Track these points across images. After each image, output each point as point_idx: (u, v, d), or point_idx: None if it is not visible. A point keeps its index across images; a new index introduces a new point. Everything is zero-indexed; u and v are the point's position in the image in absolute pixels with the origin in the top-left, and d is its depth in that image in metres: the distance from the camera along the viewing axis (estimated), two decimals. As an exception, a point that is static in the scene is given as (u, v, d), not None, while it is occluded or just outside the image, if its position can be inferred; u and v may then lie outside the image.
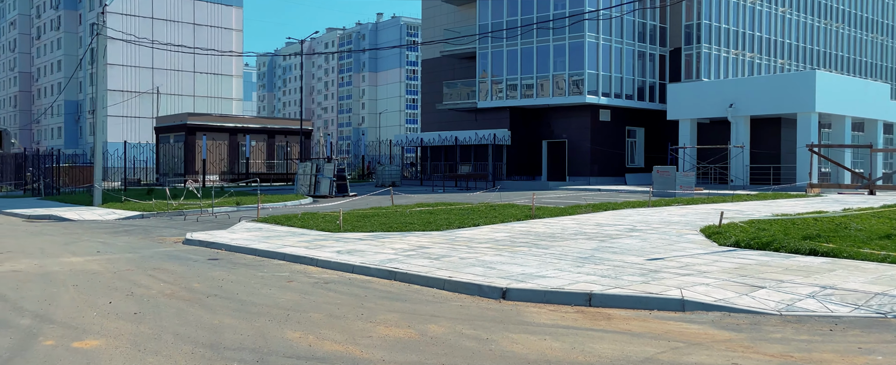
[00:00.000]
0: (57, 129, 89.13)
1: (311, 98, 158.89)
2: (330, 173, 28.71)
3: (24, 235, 15.85)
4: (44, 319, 6.51)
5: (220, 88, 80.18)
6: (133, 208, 22.49)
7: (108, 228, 17.30)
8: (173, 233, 15.83)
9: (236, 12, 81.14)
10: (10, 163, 42.75)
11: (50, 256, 11.48)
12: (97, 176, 25.88)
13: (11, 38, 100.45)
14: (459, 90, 44.02)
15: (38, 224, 19.18)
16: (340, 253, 10.97)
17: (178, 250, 12.46)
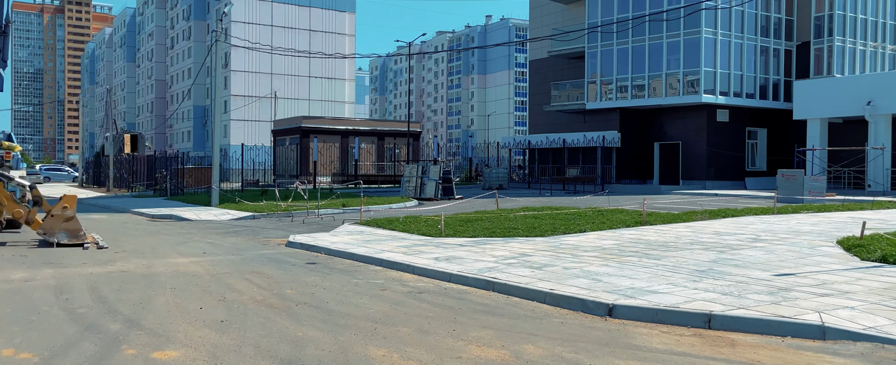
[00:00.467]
0: (187, 132, 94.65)
1: (421, 101, 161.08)
2: (436, 175, 28.54)
3: (144, 234, 16.48)
4: (133, 325, 6.43)
5: (334, 92, 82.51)
6: (245, 209, 23.12)
7: (219, 229, 17.75)
8: (279, 234, 15.99)
9: (349, 18, 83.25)
10: (143, 164, 45.43)
11: (158, 257, 11.73)
12: (214, 178, 26.87)
13: (149, 48, 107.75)
14: (567, 91, 42.92)
15: (158, 223, 20.01)
16: (438, 260, 10.55)
17: (279, 253, 12.47)
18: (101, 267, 10.34)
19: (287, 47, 73.81)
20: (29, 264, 10.57)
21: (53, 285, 8.61)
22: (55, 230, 13.25)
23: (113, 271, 9.92)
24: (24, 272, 9.75)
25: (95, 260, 11.20)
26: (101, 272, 9.82)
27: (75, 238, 13.34)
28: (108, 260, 11.21)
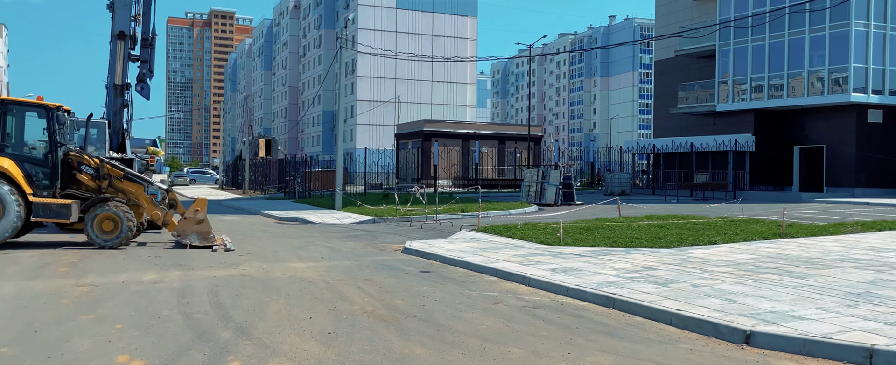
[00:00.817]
0: (317, 136, 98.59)
1: (543, 104, 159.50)
2: (556, 181, 27.86)
3: (269, 236, 17.00)
4: (243, 334, 6.42)
5: (455, 96, 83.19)
6: (366, 213, 23.49)
7: (340, 233, 18.04)
8: (396, 240, 16.00)
9: (471, 22, 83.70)
10: (275, 168, 47.54)
11: (278, 261, 11.96)
12: (338, 182, 27.54)
13: (284, 57, 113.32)
14: (696, 93, 40.79)
15: (284, 226, 20.67)
16: (555, 271, 10.05)
17: (394, 260, 12.39)
18: (223, 270, 10.63)
19: (410, 52, 75.22)
20: (160, 266, 11.04)
21: (178, 288, 8.88)
22: (187, 232, 13.86)
23: (234, 275, 10.15)
24: (155, 274, 10.17)
25: (220, 263, 11.56)
26: (222, 276, 10.07)
27: (205, 240, 13.90)
28: (231, 263, 11.54)
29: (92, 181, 13.86)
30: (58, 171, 13.61)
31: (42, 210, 13.25)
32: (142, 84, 22.00)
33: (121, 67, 20.71)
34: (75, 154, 13.84)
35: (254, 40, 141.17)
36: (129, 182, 14.07)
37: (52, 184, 13.54)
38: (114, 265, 11.03)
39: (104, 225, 13.40)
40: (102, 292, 8.51)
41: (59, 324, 6.73)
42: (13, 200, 12.85)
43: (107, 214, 13.40)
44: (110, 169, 13.96)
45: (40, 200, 13.26)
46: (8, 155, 13.24)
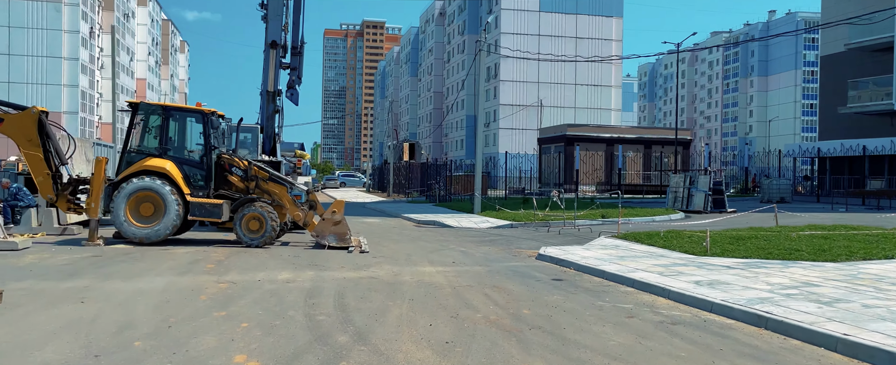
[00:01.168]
0: (460, 141, 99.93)
1: (693, 107, 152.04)
2: (705, 186, 26.20)
3: (406, 239, 17.15)
4: (360, 339, 6.31)
5: (600, 99, 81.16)
6: (504, 218, 23.22)
7: (475, 237, 17.88)
8: (531, 245, 15.58)
9: (616, 23, 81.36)
10: (418, 171, 48.52)
11: (409, 264, 11.93)
12: (477, 186, 27.50)
13: (429, 63, 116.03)
14: (870, 90, 36.96)
15: (421, 229, 20.84)
16: (699, 284, 9.23)
17: (527, 266, 12.00)
18: (354, 272, 10.72)
19: (554, 54, 74.26)
20: (296, 266, 11.34)
21: (307, 289, 9.02)
22: (325, 233, 14.22)
23: (363, 277, 10.19)
24: (289, 273, 10.43)
25: (353, 264, 11.70)
26: (352, 277, 10.15)
27: (342, 241, 14.19)
28: (364, 265, 11.65)
29: (241, 182, 14.59)
30: (212, 173, 14.44)
31: (198, 209, 14.10)
32: (291, 90, 23.03)
33: (272, 75, 21.78)
34: (227, 156, 14.63)
35: (401, 48, 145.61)
36: (273, 183, 14.67)
37: (206, 185, 14.39)
38: (255, 263, 11.45)
39: (251, 224, 14.04)
40: (238, 290, 8.79)
41: (193, 320, 6.96)
42: (173, 199, 13.77)
43: (253, 214, 14.03)
44: (257, 171, 14.62)
45: (196, 199, 14.11)
46: (170, 157, 14.21)
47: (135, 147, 14.24)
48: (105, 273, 9.98)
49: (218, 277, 9.79)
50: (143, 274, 9.95)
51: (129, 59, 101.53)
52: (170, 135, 14.43)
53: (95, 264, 10.89)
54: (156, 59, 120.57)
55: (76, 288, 8.67)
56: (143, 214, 13.85)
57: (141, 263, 11.14)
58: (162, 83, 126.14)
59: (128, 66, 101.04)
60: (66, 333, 6.34)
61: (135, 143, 14.27)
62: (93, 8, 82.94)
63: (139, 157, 14.13)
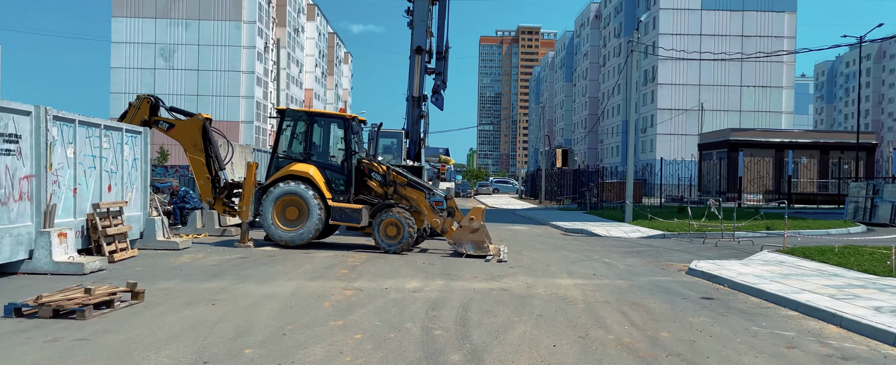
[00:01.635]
0: (615, 147, 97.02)
1: (880, 108, 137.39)
2: (892, 196, 23.22)
3: (548, 248, 16.54)
4: (473, 358, 5.86)
5: (769, 102, 75.41)
6: (656, 227, 21.93)
7: (622, 248, 16.92)
8: (683, 258, 14.42)
9: (788, 18, 75.24)
10: (570, 178, 47.49)
11: (546, 276, 11.34)
12: (628, 193, 26.24)
13: (584, 67, 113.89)
14: None
15: (567, 238, 20.10)
16: (880, 311, 7.91)
17: (673, 282, 11.01)
18: (486, 283, 10.31)
19: (716, 53, 69.94)
20: (428, 274, 11.11)
21: (432, 299, 8.72)
22: (463, 241, 13.94)
23: (494, 289, 9.75)
24: (418, 282, 10.21)
25: (487, 274, 11.30)
26: (482, 288, 9.74)
27: (480, 250, 13.85)
28: (498, 275, 11.21)
29: (379, 187, 14.67)
30: (352, 178, 14.65)
31: (338, 214, 14.35)
32: (436, 95, 23.12)
33: (418, 80, 21.95)
34: (366, 161, 14.79)
35: (556, 53, 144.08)
36: (411, 189, 14.62)
37: (347, 189, 14.62)
38: (387, 270, 11.37)
39: (388, 230, 14.07)
40: (363, 298, 8.66)
41: (308, 328, 6.86)
42: (315, 204, 14.10)
43: (391, 220, 14.05)
44: (395, 176, 14.65)
45: (337, 204, 14.37)
46: (313, 162, 14.59)
47: (282, 152, 14.75)
48: (244, 275, 10.27)
49: (347, 284, 9.76)
50: (278, 277, 10.13)
51: (298, 70, 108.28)
52: (314, 140, 14.81)
53: (239, 266, 11.28)
54: (322, 70, 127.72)
55: (213, 289, 8.94)
56: (288, 217, 14.29)
57: (280, 266, 11.41)
58: (327, 93, 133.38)
59: (296, 77, 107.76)
60: (188, 335, 6.43)
61: (282, 148, 14.80)
62: (267, 24, 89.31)
63: (286, 162, 14.62)
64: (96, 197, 11.47)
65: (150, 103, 14.84)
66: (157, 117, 14.94)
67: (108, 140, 11.92)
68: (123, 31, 79.66)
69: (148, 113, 14.79)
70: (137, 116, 14.71)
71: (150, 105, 14.84)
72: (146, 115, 14.77)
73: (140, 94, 15.15)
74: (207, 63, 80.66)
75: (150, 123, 14.78)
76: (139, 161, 13.37)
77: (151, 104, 14.86)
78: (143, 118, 14.72)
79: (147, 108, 14.79)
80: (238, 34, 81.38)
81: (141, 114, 14.73)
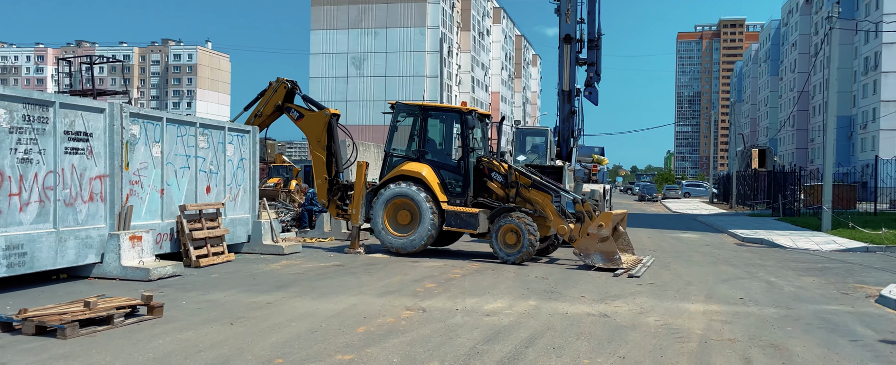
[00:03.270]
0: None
1: None
2: None
3: (707, 261, 14.04)
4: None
5: None
6: (859, 238, 18.25)
7: (804, 263, 13.94)
8: (881, 280, 11.44)
9: None
10: (764, 181, 42.47)
11: (675, 298, 9.16)
12: (825, 197, 22.37)
13: (792, 59, 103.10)
14: None
15: (740, 249, 17.23)
16: None
17: (851, 313, 8.37)
18: (589, 306, 8.40)
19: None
20: (527, 292, 9.38)
21: (500, 327, 7.05)
22: (590, 251, 11.98)
23: (592, 315, 7.85)
24: (505, 302, 8.55)
25: (601, 293, 9.34)
26: (576, 314, 7.87)
27: (610, 262, 11.81)
28: (614, 295, 9.21)
29: (500, 189, 13.10)
30: (469, 179, 13.22)
31: (453, 219, 13.00)
32: (590, 88, 21.01)
33: (567, 72, 20.04)
34: (486, 160, 13.28)
35: (760, 45, 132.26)
36: (536, 191, 12.88)
37: (464, 191, 13.21)
38: (484, 286, 9.80)
39: (507, 238, 12.47)
40: (416, 322, 7.20)
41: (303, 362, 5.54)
42: (428, 207, 12.86)
43: (509, 226, 12.44)
44: (518, 176, 12.99)
45: (452, 208, 13.01)
46: (427, 161, 13.36)
47: (395, 151, 13.69)
48: (313, 287, 9.24)
49: (417, 301, 8.35)
50: (346, 291, 8.95)
51: (483, 73, 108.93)
52: (429, 137, 13.59)
53: (321, 276, 10.30)
54: (509, 73, 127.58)
55: (258, 304, 7.95)
56: (400, 222, 13.19)
57: (365, 277, 10.27)
58: (514, 95, 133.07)
59: (482, 80, 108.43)
60: (168, 362, 5.40)
61: (395, 146, 13.73)
62: (451, 29, 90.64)
63: (399, 161, 13.54)
64: (190, 198, 11.10)
65: (286, 89, 14.20)
66: (290, 104, 14.37)
67: (205, 139, 11.53)
68: (321, 43, 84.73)
69: (282, 98, 14.24)
70: (272, 100, 14.19)
71: (285, 91, 14.22)
72: (280, 101, 14.19)
73: (280, 77, 14.68)
74: (394, 69, 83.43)
75: (284, 109, 14.28)
76: (247, 161, 12.95)
77: (288, 90, 14.25)
78: (277, 103, 14.19)
79: (282, 94, 14.19)
80: (422, 39, 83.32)
81: (276, 98, 14.20)
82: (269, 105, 14.20)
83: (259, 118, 14.30)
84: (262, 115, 14.31)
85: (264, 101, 14.27)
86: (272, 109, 14.20)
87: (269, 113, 14.29)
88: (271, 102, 14.19)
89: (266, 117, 14.38)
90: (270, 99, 14.22)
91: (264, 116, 14.34)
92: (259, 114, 14.31)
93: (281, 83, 14.25)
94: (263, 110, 14.27)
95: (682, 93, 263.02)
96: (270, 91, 14.25)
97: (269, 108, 14.22)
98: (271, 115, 14.41)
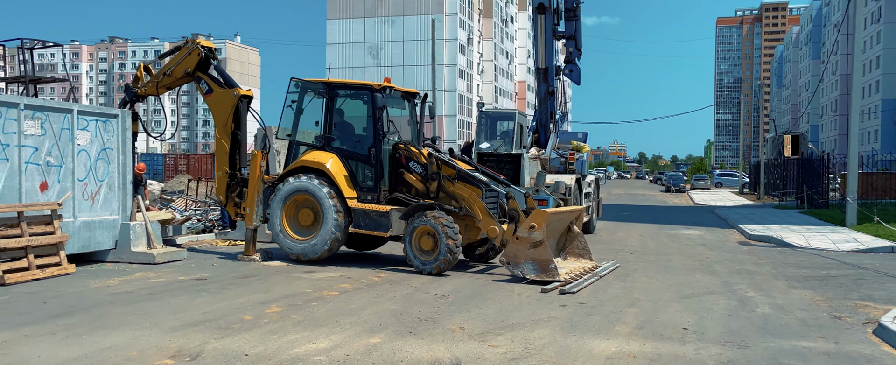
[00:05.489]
0: (873, 132, 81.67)
1: None
2: None
3: (685, 267, 11.55)
4: None
5: None
6: (884, 236, 15.47)
7: (808, 269, 11.52)
8: (894, 295, 8.79)
9: None
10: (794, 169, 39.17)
11: (593, 331, 6.73)
12: (851, 187, 19.44)
13: (834, 40, 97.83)
14: None
15: (743, 248, 14.74)
16: None
17: (834, 356, 5.85)
18: (452, 345, 6.02)
19: None
20: (400, 321, 7.03)
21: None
22: (520, 259, 9.53)
23: (441, 362, 5.46)
24: (341, 337, 6.21)
25: (493, 321, 6.96)
26: (415, 361, 5.49)
27: (543, 272, 9.37)
28: (509, 325, 6.82)
29: (420, 182, 10.71)
30: (383, 170, 10.86)
31: (361, 219, 10.66)
32: (570, 65, 18.50)
33: (543, 47, 17.58)
34: (403, 147, 10.88)
35: (801, 27, 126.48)
36: (462, 184, 10.46)
37: (376, 186, 10.86)
38: (351, 310, 7.49)
39: (423, 242, 10.11)
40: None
41: None
42: (331, 205, 10.55)
43: (425, 228, 10.07)
44: (441, 166, 10.59)
45: (361, 206, 10.68)
46: (335, 150, 11.04)
47: (291, 136, 11.37)
48: (100, 315, 6.95)
49: (210, 340, 6.05)
50: (132, 323, 6.64)
51: (507, 62, 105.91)
52: (337, 120, 11.26)
53: (150, 296, 8.05)
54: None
55: (-18, 344, 5.76)
56: (302, 223, 10.92)
57: (204, 297, 8.00)
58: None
59: (506, 68, 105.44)
60: None
61: (294, 132, 11.37)
62: (470, 16, 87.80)
63: (303, 150, 11.25)
64: (10, 197, 8.96)
65: (199, 56, 11.64)
66: (202, 74, 11.88)
67: (37, 124, 9.36)
68: (336, 33, 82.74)
69: (194, 66, 11.66)
70: (182, 65, 11.66)
71: (198, 59, 11.64)
72: (191, 68, 11.65)
73: (194, 38, 12.17)
74: (412, 58, 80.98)
75: (194, 78, 11.81)
76: (114, 151, 10.74)
77: (201, 57, 11.63)
78: (187, 69, 11.64)
79: (194, 61, 11.63)
80: (440, 27, 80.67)
81: (186, 64, 11.64)
82: (179, 68, 11.76)
83: (168, 78, 11.88)
84: (172, 76, 11.88)
85: (175, 62, 11.84)
86: (182, 74, 11.78)
87: (178, 77, 11.86)
88: (181, 66, 11.74)
89: (174, 80, 11.96)
90: (181, 63, 11.76)
91: (173, 79, 11.92)
92: (169, 73, 11.88)
93: (195, 47, 11.71)
94: (173, 71, 11.83)
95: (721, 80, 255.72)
96: (184, 52, 11.77)
97: (179, 72, 11.79)
98: (180, 80, 11.99)
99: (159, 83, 11.95)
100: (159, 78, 11.91)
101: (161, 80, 11.90)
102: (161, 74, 11.92)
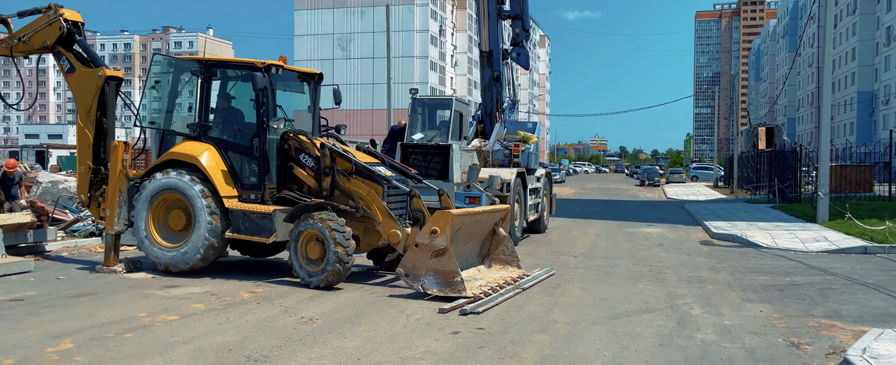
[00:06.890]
0: (849, 124, 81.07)
1: None
2: None
3: (627, 276, 10.00)
4: None
5: None
6: (855, 234, 14.09)
7: (766, 275, 9.93)
8: (873, 309, 7.38)
9: None
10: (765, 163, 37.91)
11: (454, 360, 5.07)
12: (822, 181, 17.99)
13: (810, 33, 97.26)
14: None
15: (703, 249, 13.22)
16: None
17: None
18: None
19: None
20: (212, 357, 5.33)
21: None
22: (419, 270, 7.87)
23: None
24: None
25: (351, 356, 5.28)
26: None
27: (447, 286, 7.72)
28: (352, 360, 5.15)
29: (312, 178, 9.00)
30: (268, 164, 9.11)
31: (241, 222, 8.91)
32: (518, 49, 16.87)
33: (486, 29, 15.95)
34: (292, 137, 9.15)
35: (778, 20, 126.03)
36: (359, 180, 8.76)
37: (259, 182, 9.13)
38: (162, 348, 5.78)
39: (310, 249, 8.41)
40: None
41: None
42: (204, 206, 8.80)
43: (311, 233, 8.37)
44: (335, 159, 8.88)
45: (240, 206, 8.94)
46: (212, 140, 9.28)
47: (171, 126, 9.61)
48: None
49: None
50: None
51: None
52: (215, 106, 9.50)
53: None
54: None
55: None
56: (173, 227, 9.17)
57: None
58: (520, 78, 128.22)
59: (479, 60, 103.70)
60: None
61: (159, 117, 9.60)
62: (443, 7, 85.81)
63: (178, 140, 9.48)
64: None
65: (60, 32, 9.66)
66: (62, 50, 9.74)
67: None
68: (305, 24, 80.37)
69: (54, 40, 9.69)
70: (38, 35, 9.75)
71: (60, 33, 9.65)
72: (50, 41, 9.71)
73: (60, 7, 9.86)
74: (382, 50, 78.93)
75: (54, 53, 9.84)
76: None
77: (62, 33, 9.65)
78: (46, 42, 9.73)
79: (54, 34, 9.66)
80: (411, 18, 78.77)
81: (44, 35, 9.72)
82: (37, 37, 9.81)
83: (24, 45, 9.93)
84: (28, 43, 9.93)
85: (33, 29, 9.87)
86: (39, 45, 9.86)
87: (35, 47, 9.93)
88: (39, 37, 9.78)
89: (31, 49, 9.99)
90: (38, 31, 9.78)
91: (30, 47, 9.96)
92: (24, 40, 9.92)
93: (56, 18, 9.71)
94: (30, 39, 9.86)
95: (700, 73, 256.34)
96: (43, 20, 9.76)
97: (36, 42, 9.85)
98: (38, 50, 10.03)
99: (14, 47, 10.05)
100: (13, 42, 10.02)
101: (15, 45, 10.02)
102: (15, 39, 10.02)
